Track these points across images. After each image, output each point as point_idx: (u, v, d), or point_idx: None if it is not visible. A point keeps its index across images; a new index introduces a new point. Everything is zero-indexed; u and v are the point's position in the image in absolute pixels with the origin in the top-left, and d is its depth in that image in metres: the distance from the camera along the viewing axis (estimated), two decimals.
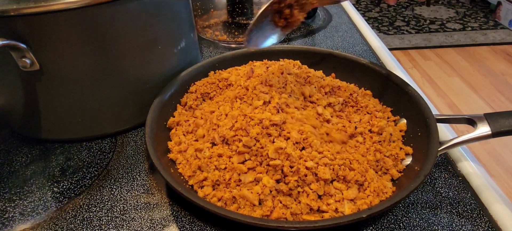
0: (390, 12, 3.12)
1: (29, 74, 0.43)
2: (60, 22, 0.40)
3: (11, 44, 0.39)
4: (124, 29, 0.44)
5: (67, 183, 0.43)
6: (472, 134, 0.40)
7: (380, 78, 0.51)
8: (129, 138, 0.50)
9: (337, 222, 0.33)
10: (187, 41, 0.53)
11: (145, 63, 0.48)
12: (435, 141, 0.39)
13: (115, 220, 0.38)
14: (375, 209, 0.33)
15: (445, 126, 0.49)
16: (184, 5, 0.52)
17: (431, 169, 0.36)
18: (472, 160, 0.44)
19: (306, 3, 0.43)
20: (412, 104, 0.46)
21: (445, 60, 2.42)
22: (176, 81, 0.50)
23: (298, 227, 0.32)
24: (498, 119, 0.40)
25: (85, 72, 0.44)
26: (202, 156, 0.40)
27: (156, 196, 0.41)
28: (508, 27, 2.77)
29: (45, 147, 0.49)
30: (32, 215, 0.39)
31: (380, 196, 0.37)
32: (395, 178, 0.40)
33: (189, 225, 0.38)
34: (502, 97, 2.04)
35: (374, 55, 0.69)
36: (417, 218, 0.38)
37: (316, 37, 0.77)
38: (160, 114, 0.46)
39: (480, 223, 0.37)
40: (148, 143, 0.40)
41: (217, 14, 0.75)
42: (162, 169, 0.37)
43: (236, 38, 0.72)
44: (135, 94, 0.49)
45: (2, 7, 0.38)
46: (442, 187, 0.41)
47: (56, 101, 0.46)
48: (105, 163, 0.46)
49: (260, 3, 0.72)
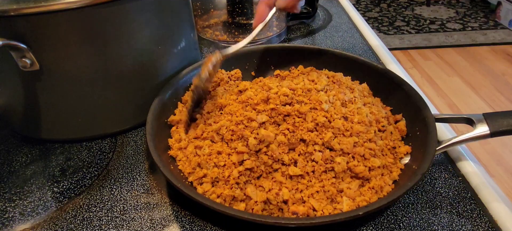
0: (390, 12, 3.12)
1: (29, 74, 0.43)
2: (60, 22, 0.40)
3: (11, 44, 0.39)
4: (124, 29, 0.44)
5: (67, 183, 0.43)
6: (471, 133, 0.40)
7: (379, 77, 0.51)
8: (129, 138, 0.50)
9: (334, 219, 0.33)
10: (187, 41, 0.53)
11: (145, 63, 0.48)
12: (433, 140, 0.39)
13: (115, 220, 0.38)
14: (372, 207, 0.33)
15: (445, 125, 0.49)
16: (184, 5, 0.52)
17: (429, 167, 0.36)
18: (471, 159, 0.44)
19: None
20: (412, 103, 0.46)
21: (445, 60, 2.42)
22: (177, 79, 0.50)
23: (295, 223, 0.33)
24: (496, 119, 0.40)
25: (85, 72, 0.44)
26: (201, 153, 0.40)
27: (156, 196, 0.41)
28: (508, 27, 2.77)
29: (45, 147, 0.49)
30: (32, 215, 0.39)
31: (378, 194, 0.37)
32: (394, 177, 0.40)
33: (189, 225, 0.38)
34: (502, 97, 2.03)
35: (374, 55, 0.69)
36: (417, 218, 0.38)
37: (316, 37, 0.77)
38: (161, 112, 0.46)
39: (480, 223, 0.37)
40: (148, 140, 0.40)
41: (217, 14, 0.75)
42: (162, 166, 0.37)
43: (236, 38, 0.72)
44: (135, 94, 0.49)
45: (2, 7, 0.38)
46: (442, 187, 0.41)
47: (56, 101, 0.46)
48: (105, 163, 0.46)
49: None
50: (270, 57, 0.58)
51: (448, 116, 0.44)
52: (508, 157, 1.63)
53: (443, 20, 2.95)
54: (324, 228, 0.37)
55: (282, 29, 0.76)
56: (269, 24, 0.74)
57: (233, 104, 0.44)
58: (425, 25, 2.87)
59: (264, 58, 0.57)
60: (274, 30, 0.75)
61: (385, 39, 2.67)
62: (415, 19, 2.98)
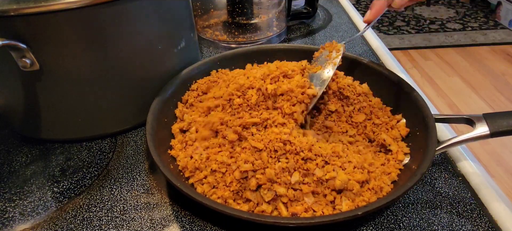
0: (390, 12, 3.12)
1: (29, 74, 0.43)
2: (60, 22, 0.40)
3: (11, 44, 0.39)
4: (124, 29, 0.44)
5: (67, 183, 0.43)
6: (471, 133, 0.40)
7: (380, 78, 0.51)
8: (129, 138, 0.50)
9: (333, 219, 0.33)
10: (187, 41, 0.53)
11: (145, 63, 0.48)
12: (433, 140, 0.39)
13: (115, 220, 0.38)
14: (371, 207, 0.33)
15: (445, 125, 0.49)
16: (184, 5, 0.52)
17: (428, 167, 0.36)
18: (471, 159, 0.44)
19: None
20: (411, 103, 0.46)
21: (445, 60, 2.42)
22: (177, 79, 0.50)
23: (294, 223, 0.33)
24: (496, 119, 0.40)
25: (85, 72, 0.44)
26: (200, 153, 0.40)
27: (156, 196, 0.41)
28: (508, 27, 2.77)
29: (45, 147, 0.49)
30: (32, 215, 0.39)
31: (377, 194, 0.37)
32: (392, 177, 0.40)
33: (189, 225, 0.38)
34: (502, 97, 2.03)
35: (374, 55, 0.69)
36: (417, 217, 0.38)
37: (316, 37, 0.77)
38: (161, 111, 0.46)
39: (480, 223, 0.37)
40: (148, 140, 0.40)
41: (217, 14, 0.74)
42: (162, 166, 0.37)
43: (236, 38, 0.72)
44: (135, 94, 0.49)
45: (2, 7, 0.38)
46: (442, 187, 0.41)
47: (56, 101, 0.46)
48: (105, 163, 0.46)
49: (260, 3, 0.72)
50: (271, 58, 0.57)
51: (448, 116, 0.44)
52: (508, 157, 1.63)
53: (443, 20, 2.94)
54: (323, 228, 0.37)
55: (282, 29, 0.76)
56: (269, 24, 0.74)
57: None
58: (425, 25, 2.87)
59: (265, 59, 0.57)
60: (274, 30, 0.75)
61: (385, 39, 2.67)
62: (415, 19, 2.98)
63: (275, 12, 0.74)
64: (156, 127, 0.43)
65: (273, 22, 0.75)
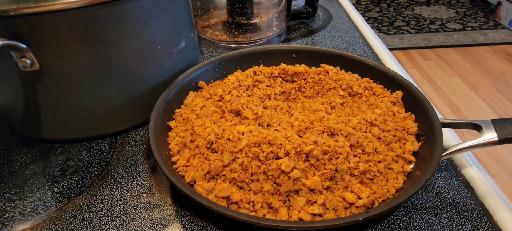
0: (390, 12, 3.12)
1: (29, 74, 0.43)
2: (60, 22, 0.40)
3: (11, 44, 0.39)
4: (124, 29, 0.44)
5: (67, 183, 0.43)
6: (478, 139, 0.39)
7: (386, 81, 0.50)
8: (129, 138, 0.50)
9: (334, 223, 0.33)
10: (187, 41, 0.53)
11: (145, 63, 0.48)
12: (439, 146, 0.38)
13: (115, 220, 0.38)
14: (372, 213, 0.33)
15: (449, 130, 0.48)
16: (184, 5, 0.52)
17: (433, 174, 0.36)
18: (471, 159, 0.44)
19: None
20: (418, 107, 0.45)
21: (445, 60, 2.42)
22: (182, 78, 0.50)
23: (294, 227, 0.32)
24: (505, 125, 0.38)
25: (85, 72, 0.44)
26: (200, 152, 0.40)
27: (156, 196, 0.41)
28: (508, 27, 2.77)
29: (45, 147, 0.49)
30: (32, 215, 0.39)
31: (381, 198, 0.37)
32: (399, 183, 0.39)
33: (189, 225, 0.38)
34: (502, 97, 2.03)
35: (374, 55, 0.69)
36: (417, 218, 0.38)
37: (316, 37, 0.77)
38: (165, 111, 0.46)
39: (480, 223, 0.37)
40: (151, 138, 0.40)
41: (217, 14, 0.74)
42: (163, 164, 0.37)
43: (236, 38, 0.72)
44: (135, 94, 0.49)
45: (2, 7, 0.38)
46: (442, 187, 0.41)
47: (56, 101, 0.46)
48: (105, 163, 0.46)
49: (260, 3, 0.72)
50: (274, 58, 0.56)
51: (455, 121, 0.43)
52: (508, 157, 1.63)
53: (443, 20, 2.95)
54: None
55: (282, 29, 0.76)
56: (269, 24, 0.74)
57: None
58: (425, 25, 2.87)
59: (271, 60, 0.56)
60: (274, 30, 0.75)
61: (385, 39, 2.67)
62: (415, 19, 2.98)
63: (275, 12, 0.74)
64: (159, 126, 0.43)
65: (273, 22, 0.75)
